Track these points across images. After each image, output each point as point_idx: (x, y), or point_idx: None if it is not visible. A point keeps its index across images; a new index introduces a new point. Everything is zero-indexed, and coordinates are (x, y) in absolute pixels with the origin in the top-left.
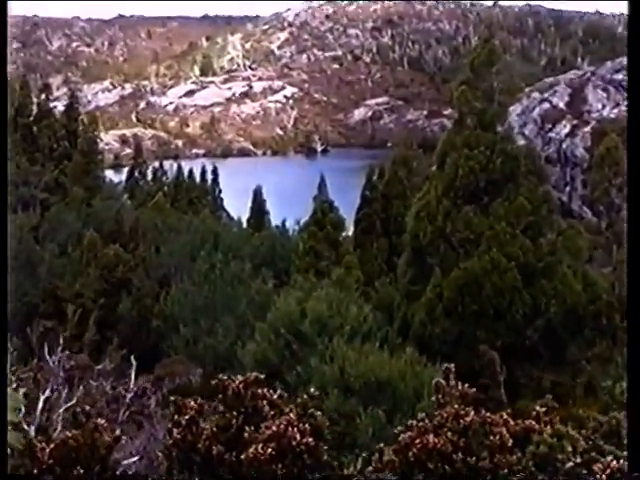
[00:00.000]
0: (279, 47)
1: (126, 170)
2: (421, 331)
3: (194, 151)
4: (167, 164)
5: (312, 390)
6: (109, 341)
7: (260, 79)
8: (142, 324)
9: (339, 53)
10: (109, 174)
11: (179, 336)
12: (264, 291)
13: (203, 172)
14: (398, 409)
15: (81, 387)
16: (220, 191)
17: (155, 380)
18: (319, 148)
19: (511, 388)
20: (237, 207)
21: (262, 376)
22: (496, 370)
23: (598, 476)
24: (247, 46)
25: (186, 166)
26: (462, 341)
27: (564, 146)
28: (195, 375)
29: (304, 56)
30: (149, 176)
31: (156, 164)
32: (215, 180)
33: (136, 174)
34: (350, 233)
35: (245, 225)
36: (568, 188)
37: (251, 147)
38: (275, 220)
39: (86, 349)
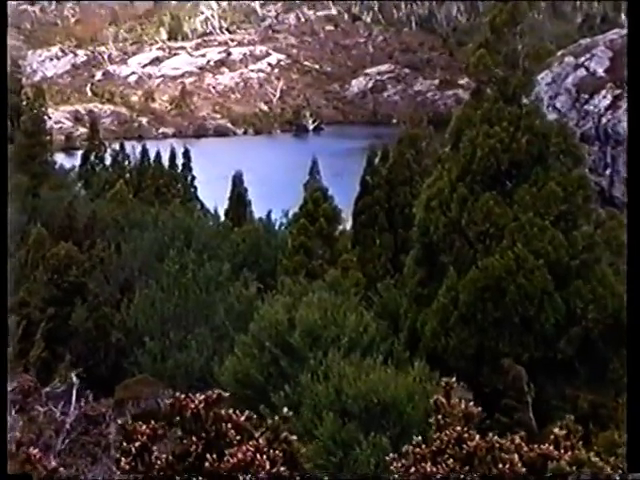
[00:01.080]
0: (262, 5)
1: (80, 154)
2: (433, 343)
3: (162, 130)
4: (129, 146)
5: (285, 411)
6: (60, 358)
7: (240, 44)
8: (100, 337)
9: (333, 12)
10: (59, 158)
11: (145, 351)
12: (246, 297)
13: (173, 155)
14: (406, 435)
15: (25, 413)
16: (193, 178)
17: (115, 404)
18: (311, 126)
19: (541, 410)
20: (213, 197)
21: (226, 394)
22: (523, 389)
23: None
24: (224, 4)
25: (152, 148)
26: (482, 355)
27: (604, 121)
28: (164, 397)
29: (292, 16)
30: (108, 161)
31: (116, 146)
32: (187, 165)
33: (92, 158)
34: (348, 227)
35: (223, 218)
36: (608, 171)
37: (229, 125)
38: (259, 212)
39: (32, 368)
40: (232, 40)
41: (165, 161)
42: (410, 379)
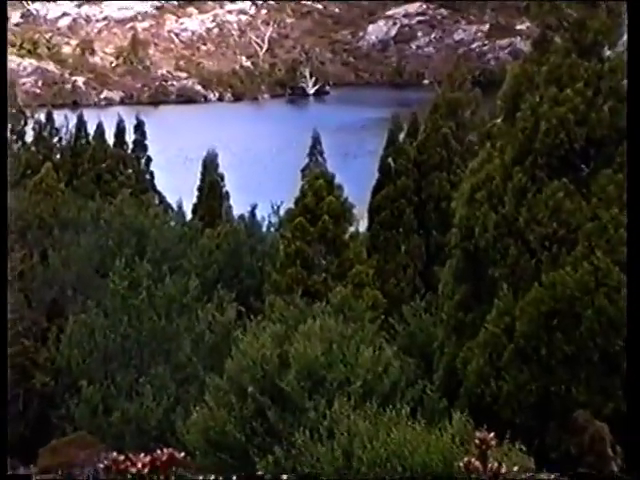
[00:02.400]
0: None
1: None
2: (479, 388)
3: (105, 95)
4: (60, 116)
5: None
6: None
7: None
8: (19, 380)
9: None
10: None
11: (81, 400)
12: (221, 324)
13: (120, 129)
14: None
15: None
16: (149, 160)
17: (40, 473)
18: (311, 89)
19: None
20: (177, 187)
21: (180, 454)
22: (606, 453)
23: None
24: None
25: (92, 119)
26: (547, 405)
27: None
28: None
29: None
30: (29, 136)
31: (41, 116)
32: (140, 142)
33: (8, 133)
34: (362, 228)
35: (190, 216)
36: None
37: (199, 88)
38: (239, 208)
39: None
40: None
41: (110, 137)
42: (447, 438)
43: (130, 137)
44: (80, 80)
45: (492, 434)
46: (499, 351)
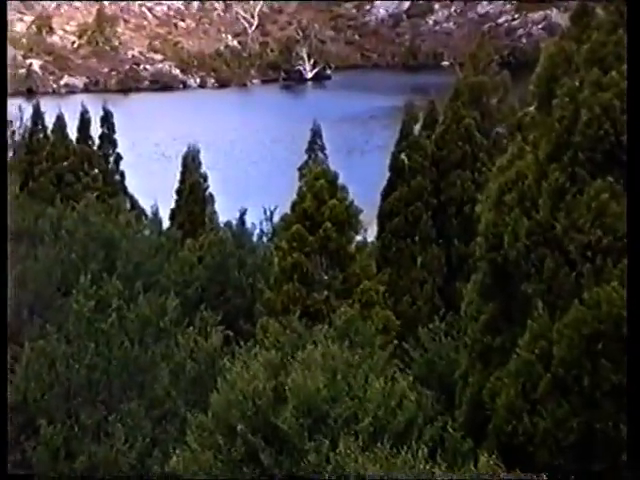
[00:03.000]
0: None
1: None
2: (509, 425)
3: (66, 81)
4: (13, 107)
5: None
6: None
7: None
8: None
9: None
10: None
11: (38, 441)
12: (205, 351)
13: (84, 122)
14: None
15: None
16: (118, 158)
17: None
18: (309, 72)
19: None
20: (152, 189)
21: None
22: None
23: None
24: None
25: (51, 109)
26: (592, 444)
27: None
28: None
29: None
30: None
31: None
32: (108, 137)
33: None
34: (371, 237)
35: (167, 224)
36: None
37: (177, 72)
38: (226, 213)
39: None
40: None
41: (72, 131)
42: None
43: (96, 131)
44: (36, 63)
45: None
46: (534, 381)
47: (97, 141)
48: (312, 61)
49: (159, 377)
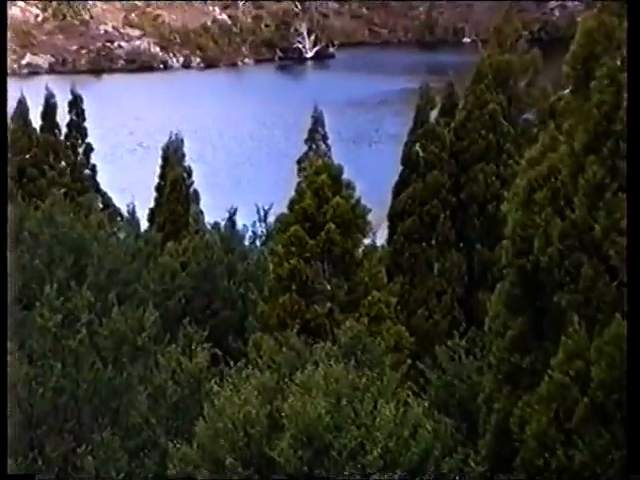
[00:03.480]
0: None
1: None
2: (540, 458)
3: (28, 60)
4: None
5: None
6: None
7: None
8: None
9: None
10: None
11: None
12: (189, 372)
13: (50, 108)
14: None
15: None
16: (89, 149)
17: None
18: (309, 50)
19: None
20: (127, 185)
21: None
22: None
23: None
24: None
25: (11, 94)
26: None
27: None
28: None
29: None
30: None
31: None
32: (77, 126)
33: None
34: (380, 240)
35: (146, 225)
36: None
37: (156, 50)
38: (213, 213)
39: None
40: None
41: (36, 118)
42: None
43: (63, 118)
44: None
45: None
46: (569, 407)
47: (64, 130)
48: (313, 38)
49: (136, 402)
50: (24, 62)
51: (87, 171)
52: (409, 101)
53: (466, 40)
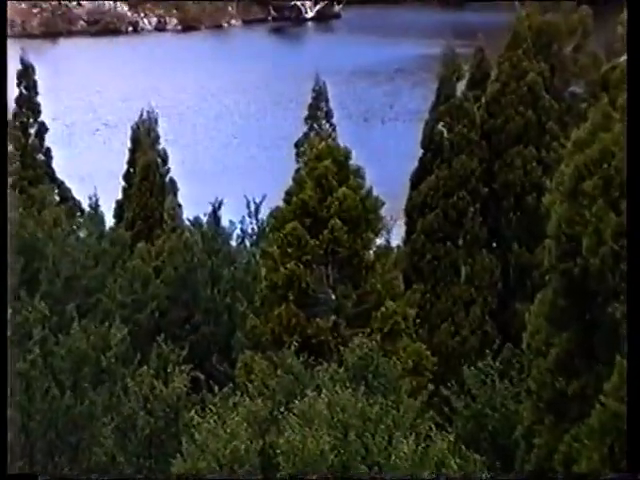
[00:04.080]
0: None
1: None
2: None
3: None
4: None
5: None
6: None
7: None
8: None
9: None
10: None
11: None
12: (165, 400)
13: None
14: None
15: None
16: (42, 130)
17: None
18: (309, 9)
19: None
20: (89, 173)
21: None
22: None
23: None
24: None
25: None
26: None
27: None
28: None
29: None
30: None
31: None
32: (27, 101)
33: None
34: (396, 240)
35: (111, 222)
36: None
37: (124, 9)
38: (193, 206)
39: None
40: None
41: None
42: None
43: (11, 92)
44: None
45: None
46: (625, 441)
47: (12, 106)
48: None
49: (100, 436)
50: None
51: (40, 156)
52: (430, 70)
53: None
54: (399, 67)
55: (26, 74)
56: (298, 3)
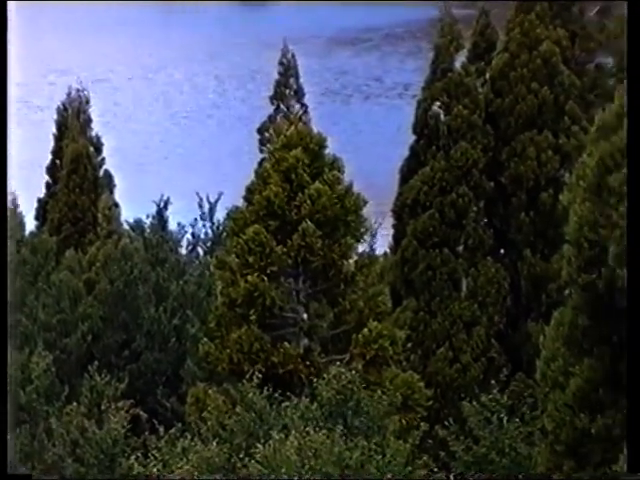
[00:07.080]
0: None
1: None
2: None
3: None
4: None
5: None
6: None
7: None
8: None
9: None
10: None
11: None
12: (99, 445)
13: None
14: None
15: None
16: None
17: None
18: None
19: None
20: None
21: None
22: None
23: None
24: None
25: None
26: None
27: None
28: None
29: None
30: None
31: None
32: None
33: None
34: (382, 245)
35: (33, 225)
36: None
37: None
38: (134, 205)
39: None
40: None
41: None
42: None
43: None
44: None
45: None
46: None
47: None
48: None
49: None
50: None
51: None
52: (424, 37)
53: None
54: (387, 33)
55: None
56: None
